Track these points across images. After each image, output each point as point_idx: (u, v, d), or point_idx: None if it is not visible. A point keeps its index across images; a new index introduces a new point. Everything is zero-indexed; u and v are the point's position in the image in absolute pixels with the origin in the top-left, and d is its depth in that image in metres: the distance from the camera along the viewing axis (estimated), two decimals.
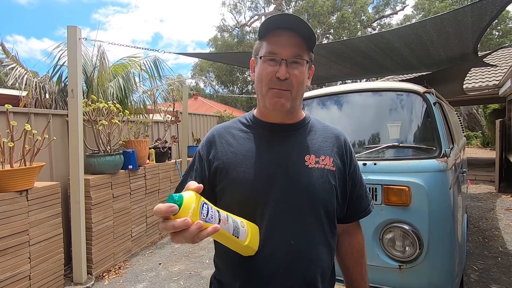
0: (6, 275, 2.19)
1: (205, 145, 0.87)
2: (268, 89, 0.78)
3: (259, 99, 0.84)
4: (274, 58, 0.76)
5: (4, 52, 3.53)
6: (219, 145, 0.84)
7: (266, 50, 0.77)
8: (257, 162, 0.79)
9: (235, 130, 0.87)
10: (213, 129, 0.90)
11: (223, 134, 0.86)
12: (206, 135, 0.90)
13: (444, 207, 1.68)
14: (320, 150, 0.84)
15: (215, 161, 0.82)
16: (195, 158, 0.88)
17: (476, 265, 3.13)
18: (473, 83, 7.57)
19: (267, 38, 0.79)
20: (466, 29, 2.42)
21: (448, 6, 17.32)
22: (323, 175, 0.81)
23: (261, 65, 0.79)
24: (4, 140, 2.24)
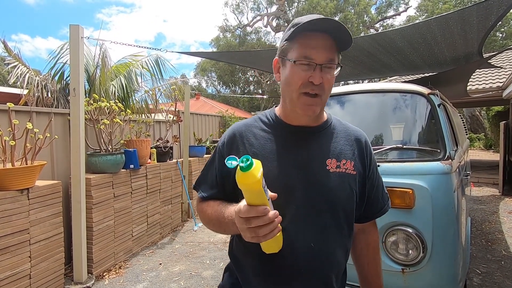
0: (6, 274, 2.18)
1: (226, 143, 0.87)
2: (299, 94, 0.77)
3: (286, 102, 0.83)
4: (308, 63, 0.74)
5: (7, 50, 3.53)
6: (241, 145, 0.84)
7: (299, 54, 0.75)
8: (279, 164, 0.79)
9: (256, 130, 0.85)
10: (234, 126, 0.89)
11: (244, 133, 0.85)
12: (227, 133, 0.89)
13: (448, 210, 1.66)
14: (341, 154, 0.84)
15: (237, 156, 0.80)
16: (215, 154, 0.90)
17: (479, 268, 3.10)
18: (476, 85, 7.52)
19: (299, 40, 0.76)
20: (471, 29, 2.39)
21: (451, 8, 17.25)
22: (344, 180, 0.82)
23: (292, 69, 0.76)
24: (5, 138, 2.23)
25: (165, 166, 4.13)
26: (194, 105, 13.08)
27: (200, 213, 0.91)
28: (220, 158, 0.87)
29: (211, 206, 0.85)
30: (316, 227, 0.78)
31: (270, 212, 0.62)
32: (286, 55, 0.79)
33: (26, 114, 2.76)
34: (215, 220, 0.81)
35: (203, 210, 0.88)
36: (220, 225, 0.80)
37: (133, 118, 3.91)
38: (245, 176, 0.59)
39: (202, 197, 0.90)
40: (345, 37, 0.76)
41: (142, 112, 4.55)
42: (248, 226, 0.63)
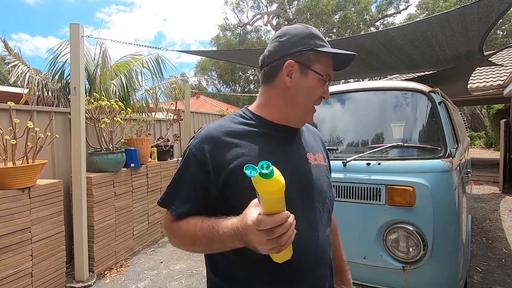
0: (8, 272, 2.19)
1: (208, 148, 0.76)
2: (312, 106, 0.82)
3: (294, 109, 0.82)
4: (327, 80, 0.81)
5: (7, 50, 3.53)
6: (223, 146, 0.76)
7: (326, 72, 0.80)
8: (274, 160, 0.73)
9: (237, 130, 0.79)
10: (211, 130, 0.78)
11: (224, 134, 0.77)
12: (204, 137, 0.77)
13: (449, 208, 1.66)
14: (313, 148, 0.90)
15: (225, 166, 0.74)
16: (190, 163, 0.77)
17: (479, 266, 3.10)
18: (477, 83, 7.50)
19: (327, 59, 0.81)
20: (472, 26, 2.39)
21: (452, 6, 17.20)
22: (322, 171, 0.88)
23: (315, 81, 0.80)
24: (6, 137, 2.24)
25: (165, 165, 4.14)
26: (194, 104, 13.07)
27: (175, 233, 0.78)
28: (198, 167, 0.75)
29: (192, 224, 0.74)
30: (314, 217, 0.82)
31: (290, 217, 0.59)
32: (310, 65, 0.79)
33: (27, 113, 2.76)
34: (202, 238, 0.71)
35: (179, 230, 0.76)
36: (211, 244, 0.71)
37: (133, 117, 3.91)
38: (269, 184, 0.54)
39: (176, 215, 0.77)
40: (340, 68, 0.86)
41: (143, 111, 4.55)
42: (269, 237, 0.58)
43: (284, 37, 0.81)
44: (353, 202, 1.80)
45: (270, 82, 0.82)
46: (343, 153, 2.04)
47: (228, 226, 0.67)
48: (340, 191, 1.84)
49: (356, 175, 1.81)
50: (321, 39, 0.81)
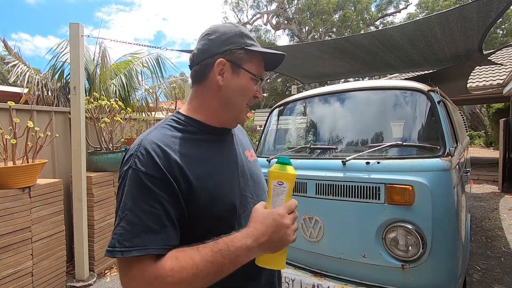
0: (8, 271, 2.20)
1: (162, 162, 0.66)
2: (245, 105, 0.81)
3: (227, 109, 0.79)
4: (260, 79, 0.81)
5: (7, 49, 3.53)
6: (177, 159, 0.68)
7: (257, 71, 0.80)
8: (221, 168, 0.77)
9: (180, 139, 0.73)
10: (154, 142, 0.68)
11: (171, 146, 0.69)
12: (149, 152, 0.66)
13: (448, 207, 1.66)
14: (247, 145, 0.94)
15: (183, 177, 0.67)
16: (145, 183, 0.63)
17: (479, 265, 3.11)
18: (476, 82, 7.51)
19: (258, 59, 0.81)
20: (472, 25, 2.39)
21: (451, 5, 17.19)
22: (258, 166, 0.93)
23: (248, 81, 0.79)
24: (7, 137, 2.24)
25: None
26: None
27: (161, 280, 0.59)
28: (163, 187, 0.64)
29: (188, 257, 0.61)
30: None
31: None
32: (242, 65, 0.77)
33: (27, 113, 2.76)
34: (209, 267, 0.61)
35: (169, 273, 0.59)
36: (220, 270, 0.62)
37: (133, 117, 3.92)
38: (292, 168, 0.68)
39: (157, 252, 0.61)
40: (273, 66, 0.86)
41: (143, 111, 4.56)
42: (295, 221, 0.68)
43: (214, 35, 0.78)
44: (353, 201, 1.80)
45: (201, 82, 0.79)
46: (342, 152, 2.04)
47: (240, 239, 0.63)
48: (339, 190, 1.85)
49: (355, 174, 1.82)
50: (251, 38, 0.81)
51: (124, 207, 0.63)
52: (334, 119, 2.28)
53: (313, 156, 2.15)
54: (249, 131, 7.79)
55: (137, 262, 0.60)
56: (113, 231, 0.63)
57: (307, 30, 20.48)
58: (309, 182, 1.97)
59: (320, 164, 2.02)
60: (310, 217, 1.95)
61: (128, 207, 0.62)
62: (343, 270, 1.86)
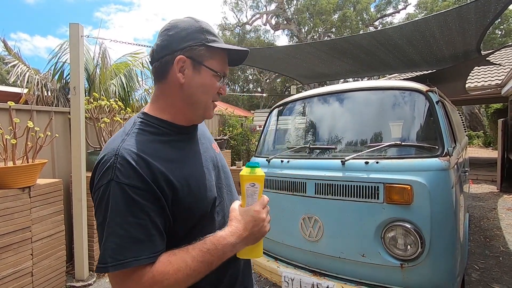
0: (8, 271, 2.20)
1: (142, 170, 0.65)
2: (211, 101, 0.81)
3: (192, 107, 0.79)
4: (223, 76, 0.80)
5: (7, 49, 3.54)
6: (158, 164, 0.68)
7: (220, 68, 0.79)
8: (198, 167, 0.80)
9: (156, 143, 0.73)
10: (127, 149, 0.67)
11: (150, 152, 0.69)
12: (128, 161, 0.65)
13: (446, 206, 1.68)
14: (210, 138, 0.96)
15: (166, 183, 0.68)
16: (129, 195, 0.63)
17: (477, 264, 3.13)
18: (475, 83, 7.53)
19: (221, 55, 0.79)
20: (470, 26, 2.41)
21: (451, 5, 17.24)
22: (223, 157, 0.96)
23: (210, 78, 0.78)
24: (7, 137, 2.24)
25: None
26: None
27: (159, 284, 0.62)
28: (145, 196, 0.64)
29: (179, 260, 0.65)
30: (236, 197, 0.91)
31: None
32: (203, 61, 0.76)
33: (27, 113, 2.77)
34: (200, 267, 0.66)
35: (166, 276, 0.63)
36: (209, 267, 0.68)
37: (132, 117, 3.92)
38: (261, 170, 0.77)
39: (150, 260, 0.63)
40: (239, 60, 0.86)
41: None
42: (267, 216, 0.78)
43: (173, 31, 0.76)
44: (352, 201, 1.81)
45: (162, 79, 0.77)
46: (341, 152, 2.05)
47: (225, 238, 0.70)
48: (339, 189, 1.86)
49: (354, 173, 1.83)
50: (212, 33, 0.78)
51: (110, 222, 0.62)
52: (334, 119, 2.29)
53: (312, 156, 2.16)
54: (248, 131, 7.79)
55: (132, 273, 0.62)
56: (102, 246, 0.63)
57: (307, 30, 20.51)
58: (308, 182, 1.98)
59: (319, 164, 2.03)
60: (310, 217, 1.96)
61: (115, 221, 0.62)
62: (343, 269, 1.88)
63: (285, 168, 2.16)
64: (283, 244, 2.14)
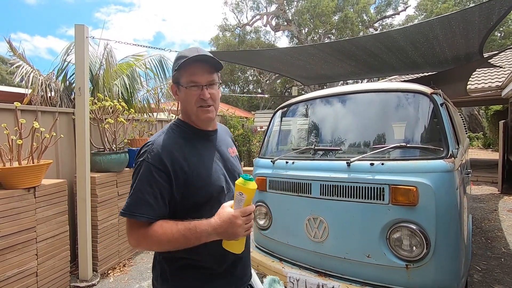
0: (14, 271, 2.21)
1: (166, 159, 0.93)
2: (197, 108, 1.02)
3: (189, 115, 1.05)
4: (196, 85, 1.00)
5: (12, 50, 3.54)
6: (178, 155, 0.96)
7: (188, 79, 1.00)
8: (210, 161, 1.04)
9: (179, 141, 1.00)
10: (162, 142, 0.97)
11: (174, 145, 0.98)
12: (159, 150, 0.94)
13: (451, 208, 1.69)
14: (230, 143, 1.19)
15: (183, 170, 0.95)
16: (151, 173, 0.91)
17: (479, 265, 3.14)
18: (475, 84, 7.56)
19: (187, 70, 1.00)
20: (473, 28, 2.43)
21: (451, 7, 17.28)
22: (238, 160, 1.18)
23: (186, 91, 1.00)
24: (13, 137, 2.25)
25: None
26: None
27: (149, 238, 0.89)
28: (162, 177, 0.91)
29: (166, 227, 0.89)
30: None
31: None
32: (179, 82, 1.02)
33: (31, 113, 2.77)
34: (179, 238, 0.88)
35: (154, 234, 0.88)
36: (186, 241, 0.89)
37: (136, 118, 3.93)
38: (254, 184, 0.88)
39: (147, 220, 0.89)
40: (216, 63, 1.03)
41: (145, 112, 4.57)
42: (246, 222, 0.89)
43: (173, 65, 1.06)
44: (357, 202, 1.82)
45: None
46: (347, 154, 2.07)
47: (205, 225, 0.88)
48: (344, 191, 1.87)
49: (360, 175, 1.84)
50: (183, 57, 0.98)
51: (136, 185, 0.92)
52: (338, 121, 2.30)
53: (317, 157, 2.17)
54: (249, 132, 7.80)
55: (136, 224, 0.91)
56: (127, 199, 0.93)
57: (307, 31, 20.54)
58: (313, 183, 2.00)
59: (324, 165, 2.04)
60: (315, 218, 1.97)
61: (138, 186, 0.92)
62: (348, 270, 1.89)
63: (290, 169, 2.17)
64: (288, 245, 2.15)
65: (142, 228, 0.90)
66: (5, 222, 2.15)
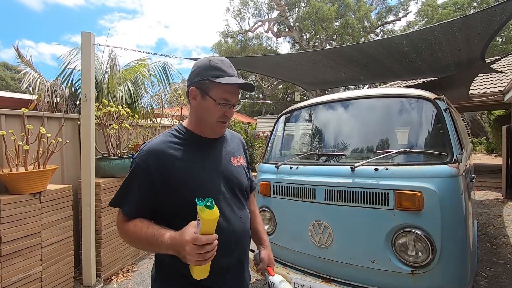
0: (18, 276, 2.21)
1: (153, 161, 0.97)
2: (217, 122, 1.05)
3: (203, 124, 1.06)
4: (227, 103, 1.03)
5: (19, 57, 3.60)
6: (167, 159, 0.99)
7: (222, 96, 1.01)
8: (202, 166, 1.04)
9: (173, 144, 1.03)
10: (154, 145, 1.01)
11: (166, 150, 1.00)
12: (149, 152, 0.99)
13: (456, 213, 1.69)
14: (236, 153, 1.17)
15: (166, 172, 0.97)
16: (137, 172, 0.98)
17: (485, 272, 3.11)
18: (478, 89, 7.56)
19: (223, 87, 1.01)
20: (475, 34, 2.45)
21: (451, 13, 17.39)
22: (242, 170, 1.18)
23: (214, 104, 1.01)
24: (19, 143, 2.28)
25: None
26: None
27: (124, 232, 0.98)
28: (146, 175, 0.97)
29: (138, 227, 0.95)
30: (236, 205, 1.09)
31: (216, 241, 0.83)
32: (207, 92, 1.01)
33: (38, 119, 2.80)
34: (144, 240, 0.93)
35: (128, 230, 0.97)
36: (149, 247, 0.95)
37: (140, 123, 3.96)
38: (210, 213, 0.79)
39: (126, 215, 0.98)
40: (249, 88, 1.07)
41: (148, 117, 4.60)
42: (199, 251, 0.81)
43: (193, 69, 1.06)
44: (362, 207, 1.82)
45: (189, 102, 1.07)
46: (350, 159, 2.07)
47: (167, 238, 0.88)
48: (348, 196, 1.87)
49: (364, 180, 1.85)
50: (220, 69, 1.01)
51: (124, 182, 1.02)
52: (342, 126, 2.31)
53: (321, 163, 2.18)
54: (251, 137, 7.82)
55: (120, 213, 1.01)
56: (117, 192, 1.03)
57: (308, 37, 20.69)
58: (318, 188, 2.00)
59: (328, 170, 2.05)
60: (319, 223, 1.97)
61: (125, 183, 1.01)
62: (352, 275, 1.88)
63: (294, 174, 2.18)
64: (292, 250, 2.14)
65: (123, 221, 0.99)
66: (11, 227, 2.16)
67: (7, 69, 30.32)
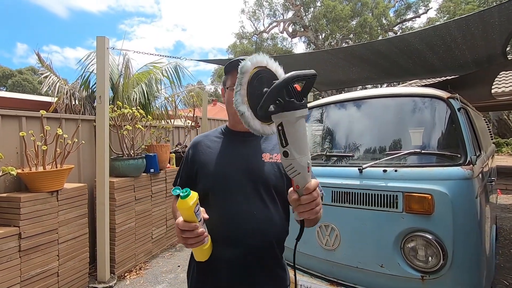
0: (37, 271, 2.32)
1: (191, 148, 1.19)
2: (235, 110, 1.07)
3: (230, 117, 1.16)
4: None
5: (40, 61, 3.79)
6: (200, 148, 1.17)
7: (234, 81, 1.00)
8: (227, 158, 1.12)
9: (212, 137, 1.19)
10: (197, 137, 1.23)
11: (203, 141, 1.18)
12: (192, 142, 1.22)
13: (470, 217, 1.61)
14: (273, 150, 1.16)
15: (197, 159, 1.15)
16: (183, 159, 1.22)
17: (507, 280, 2.95)
18: (503, 87, 7.18)
19: (231, 73, 1.08)
20: (493, 30, 2.33)
21: (475, 9, 16.63)
22: (274, 166, 1.12)
23: (228, 93, 1.07)
24: (38, 143, 2.39)
25: None
26: (211, 111, 13.29)
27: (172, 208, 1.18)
28: (186, 160, 1.19)
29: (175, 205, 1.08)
30: (256, 201, 1.05)
31: (199, 230, 0.88)
32: (225, 85, 1.12)
33: (55, 121, 2.94)
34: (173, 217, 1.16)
35: (172, 205, 1.17)
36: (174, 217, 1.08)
37: (153, 124, 4.05)
38: (182, 203, 0.83)
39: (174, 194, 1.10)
40: None
41: (162, 118, 4.71)
42: (180, 235, 0.90)
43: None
44: (369, 209, 1.78)
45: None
46: (359, 160, 2.03)
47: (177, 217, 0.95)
48: (356, 198, 1.83)
49: (372, 182, 1.80)
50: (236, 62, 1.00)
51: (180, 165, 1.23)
52: (352, 126, 2.27)
53: (329, 164, 2.15)
54: None
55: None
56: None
57: (324, 37, 20.43)
58: (325, 190, 1.96)
59: (336, 171, 2.01)
60: (326, 225, 1.94)
61: (178, 168, 1.24)
62: (360, 279, 1.83)
63: None
64: (298, 252, 2.12)
65: (174, 199, 1.16)
66: (30, 224, 2.28)
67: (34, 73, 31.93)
